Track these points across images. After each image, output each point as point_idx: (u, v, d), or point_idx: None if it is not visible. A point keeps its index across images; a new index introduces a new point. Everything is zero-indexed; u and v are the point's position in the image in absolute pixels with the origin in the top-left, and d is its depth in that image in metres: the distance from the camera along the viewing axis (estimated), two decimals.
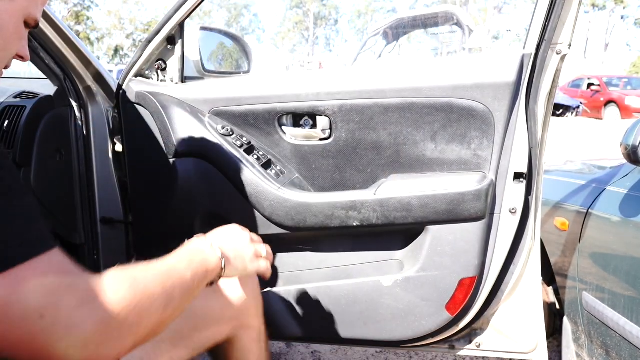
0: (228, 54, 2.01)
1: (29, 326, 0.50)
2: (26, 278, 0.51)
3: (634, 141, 1.38)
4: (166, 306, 0.62)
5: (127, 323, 0.55)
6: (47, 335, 0.50)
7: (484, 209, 1.24)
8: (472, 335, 1.42)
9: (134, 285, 0.58)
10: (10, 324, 0.50)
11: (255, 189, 1.31)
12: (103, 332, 0.52)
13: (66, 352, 0.50)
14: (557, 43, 1.23)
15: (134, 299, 0.56)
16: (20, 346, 0.51)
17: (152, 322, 0.59)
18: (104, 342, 0.53)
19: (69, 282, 0.54)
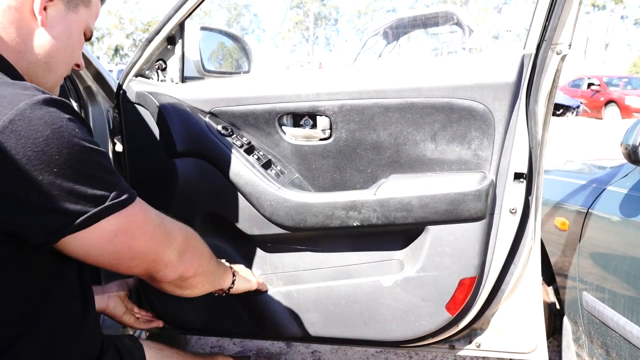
0: (228, 53, 2.01)
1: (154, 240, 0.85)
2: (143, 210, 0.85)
3: (634, 141, 1.38)
4: (201, 269, 0.98)
5: (188, 256, 0.93)
6: (162, 246, 0.87)
7: (484, 209, 1.24)
8: (472, 335, 1.42)
9: (198, 248, 0.99)
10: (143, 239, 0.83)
11: (255, 189, 1.31)
12: (184, 252, 0.91)
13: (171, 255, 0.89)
14: (557, 43, 1.23)
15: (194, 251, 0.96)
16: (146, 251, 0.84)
17: (194, 268, 0.95)
18: (183, 256, 0.91)
19: (168, 222, 0.91)
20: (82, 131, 0.73)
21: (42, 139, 0.67)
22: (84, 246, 0.75)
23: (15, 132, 0.65)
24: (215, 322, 1.44)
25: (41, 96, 0.70)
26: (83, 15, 0.90)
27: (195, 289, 0.99)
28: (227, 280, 1.15)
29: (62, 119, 0.70)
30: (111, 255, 0.79)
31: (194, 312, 1.44)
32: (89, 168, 0.73)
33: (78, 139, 0.71)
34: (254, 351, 2.25)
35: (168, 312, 1.42)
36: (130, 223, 0.79)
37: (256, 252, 1.43)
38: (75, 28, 0.89)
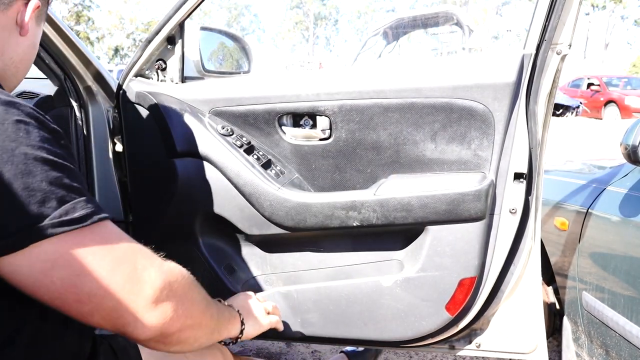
0: (228, 53, 2.01)
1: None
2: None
3: (633, 141, 1.38)
4: (190, 321, 0.78)
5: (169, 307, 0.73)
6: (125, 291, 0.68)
7: (484, 209, 1.24)
8: (472, 335, 1.42)
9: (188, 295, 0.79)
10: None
11: (255, 189, 1.31)
12: (161, 301, 0.72)
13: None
14: (557, 43, 1.23)
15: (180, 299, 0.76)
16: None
17: (179, 321, 0.75)
18: (160, 307, 0.72)
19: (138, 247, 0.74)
20: (31, 136, 0.64)
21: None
22: (15, 272, 0.63)
23: None
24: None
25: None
26: (41, 30, 0.92)
27: (185, 345, 0.79)
28: (234, 330, 0.99)
29: (3, 122, 0.63)
30: (51, 294, 0.65)
31: None
32: (28, 179, 0.62)
33: (18, 144, 0.63)
34: (254, 351, 2.25)
35: None
36: (71, 253, 0.64)
37: (256, 252, 1.43)
38: (37, 40, 0.91)
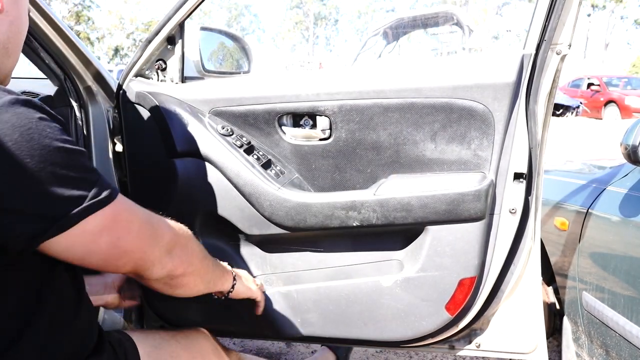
0: (228, 54, 2.01)
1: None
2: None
3: (633, 141, 1.39)
4: (191, 268, 0.95)
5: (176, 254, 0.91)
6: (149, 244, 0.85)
7: (483, 209, 1.24)
8: (472, 335, 1.42)
9: (190, 246, 0.96)
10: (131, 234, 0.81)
11: (255, 189, 1.31)
12: (171, 249, 0.89)
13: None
14: (557, 43, 1.23)
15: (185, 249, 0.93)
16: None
17: (183, 266, 0.92)
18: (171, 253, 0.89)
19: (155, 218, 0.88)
20: (53, 130, 0.70)
21: (12, 143, 0.65)
22: (68, 248, 0.73)
23: None
24: (215, 322, 1.44)
25: (7, 97, 0.67)
26: (25, 1, 0.84)
27: (186, 288, 0.97)
28: (227, 284, 1.13)
29: (30, 120, 0.68)
30: (98, 256, 0.78)
31: (194, 312, 1.44)
32: (64, 169, 0.70)
33: (50, 139, 0.69)
34: (254, 351, 2.25)
35: (168, 311, 1.43)
36: (114, 221, 0.77)
37: (256, 252, 1.43)
38: (24, 9, 0.84)
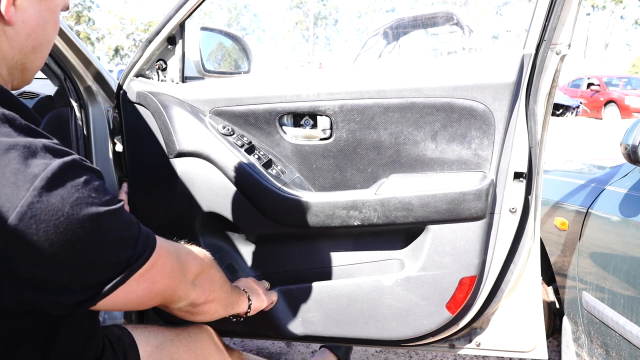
0: (228, 54, 2.01)
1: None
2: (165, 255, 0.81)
3: (633, 141, 1.39)
4: (213, 295, 0.97)
5: (200, 284, 0.93)
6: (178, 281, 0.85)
7: (484, 209, 1.24)
8: (472, 334, 1.42)
9: (212, 274, 0.97)
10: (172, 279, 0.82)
11: (256, 188, 1.31)
12: (196, 280, 0.91)
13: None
14: (557, 43, 1.23)
15: (208, 278, 0.95)
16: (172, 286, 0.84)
17: (205, 295, 0.94)
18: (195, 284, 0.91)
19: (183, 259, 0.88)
20: (98, 193, 0.67)
21: (63, 218, 0.62)
22: (108, 305, 0.72)
23: (35, 217, 0.60)
24: (216, 321, 1.44)
25: (55, 165, 0.63)
26: (45, 5, 0.77)
27: (207, 315, 0.99)
28: (243, 306, 1.14)
29: (78, 188, 0.65)
30: (133, 303, 0.77)
31: None
32: (110, 232, 0.68)
33: (96, 205, 0.66)
34: (255, 351, 2.25)
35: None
36: (151, 269, 0.76)
37: (257, 252, 1.43)
38: (51, 14, 0.77)
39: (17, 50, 0.74)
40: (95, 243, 0.66)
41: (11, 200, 0.59)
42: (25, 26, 0.73)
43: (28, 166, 0.61)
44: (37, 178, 0.61)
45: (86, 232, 0.64)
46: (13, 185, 0.59)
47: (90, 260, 0.66)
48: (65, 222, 0.62)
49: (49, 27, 0.77)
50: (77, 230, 0.63)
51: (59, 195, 0.62)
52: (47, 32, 0.77)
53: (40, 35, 0.76)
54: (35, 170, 0.61)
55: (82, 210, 0.64)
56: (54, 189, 0.62)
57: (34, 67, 0.79)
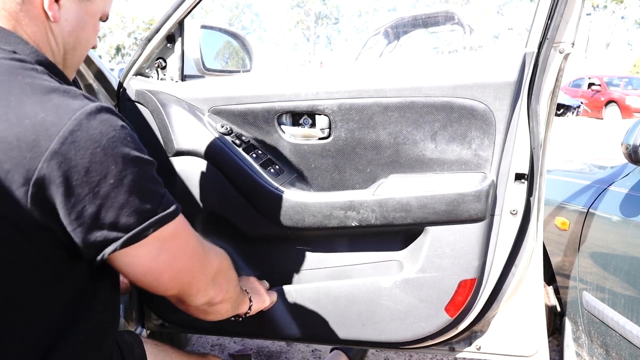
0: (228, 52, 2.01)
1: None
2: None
3: (634, 141, 1.38)
4: (228, 295, 0.97)
5: (219, 282, 0.92)
6: (198, 269, 0.86)
7: (484, 210, 1.23)
8: (472, 337, 1.41)
9: (229, 274, 0.98)
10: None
11: (253, 188, 1.30)
12: (216, 278, 0.91)
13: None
14: (560, 42, 1.22)
15: (226, 277, 0.96)
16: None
17: (222, 294, 0.94)
18: (215, 282, 0.90)
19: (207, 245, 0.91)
20: (133, 139, 0.73)
21: (100, 149, 0.67)
22: (130, 263, 0.74)
23: (75, 143, 0.65)
24: (217, 321, 1.44)
25: (93, 105, 0.69)
26: (98, 3, 0.87)
27: (219, 315, 0.98)
28: (245, 306, 1.13)
29: (115, 128, 0.70)
30: (152, 275, 0.78)
31: None
32: (141, 179, 0.72)
33: (130, 148, 0.71)
34: (254, 350, 2.25)
35: (168, 310, 1.42)
36: (173, 239, 0.78)
37: (255, 252, 1.42)
38: (90, 17, 0.86)
39: (61, 46, 0.82)
40: (124, 182, 0.69)
41: (55, 125, 0.65)
42: (68, 24, 0.81)
43: (69, 103, 0.68)
44: (78, 111, 0.67)
45: (118, 168, 0.68)
46: (55, 114, 0.66)
47: (116, 197, 0.69)
48: (101, 153, 0.67)
49: (88, 29, 0.85)
50: (110, 163, 0.68)
51: (97, 128, 0.67)
52: (85, 33, 0.85)
53: (80, 35, 0.84)
54: (75, 105, 0.68)
55: (117, 147, 0.69)
56: (93, 122, 0.67)
57: (73, 64, 0.87)
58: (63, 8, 0.80)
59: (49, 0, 0.77)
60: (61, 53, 0.83)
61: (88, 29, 0.86)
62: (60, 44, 0.82)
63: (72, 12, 0.82)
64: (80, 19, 0.83)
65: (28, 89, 0.68)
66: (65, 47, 0.83)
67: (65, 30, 0.82)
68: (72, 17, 0.82)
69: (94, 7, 0.86)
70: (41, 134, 0.64)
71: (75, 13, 0.82)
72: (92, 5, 0.85)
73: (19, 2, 0.76)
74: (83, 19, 0.84)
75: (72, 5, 0.81)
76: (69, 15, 0.81)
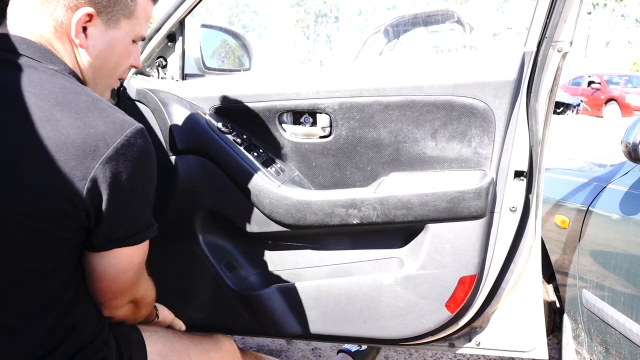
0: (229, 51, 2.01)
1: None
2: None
3: (634, 139, 1.38)
4: (136, 319, 1.06)
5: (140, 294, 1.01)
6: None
7: (484, 207, 1.24)
8: (472, 333, 1.42)
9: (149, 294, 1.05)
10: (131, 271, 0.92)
11: (255, 186, 1.31)
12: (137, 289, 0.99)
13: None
14: (559, 40, 1.22)
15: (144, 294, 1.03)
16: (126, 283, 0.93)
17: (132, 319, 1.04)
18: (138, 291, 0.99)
19: None
20: (155, 161, 0.89)
21: (140, 164, 0.83)
22: (116, 262, 0.88)
23: (124, 155, 0.80)
24: (216, 319, 1.44)
25: (138, 125, 0.83)
26: (125, 28, 0.93)
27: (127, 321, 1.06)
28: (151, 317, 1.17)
29: (152, 148, 0.86)
30: (107, 279, 0.90)
31: (196, 309, 1.44)
32: (152, 196, 0.90)
33: (154, 169, 0.89)
34: (255, 348, 2.26)
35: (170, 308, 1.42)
36: (145, 253, 0.92)
37: (256, 250, 1.43)
38: (118, 43, 0.94)
39: (89, 66, 0.92)
40: (148, 195, 0.88)
41: (112, 137, 0.79)
42: (95, 49, 0.91)
43: (122, 120, 0.82)
44: (128, 129, 0.81)
45: (150, 183, 0.88)
46: (113, 128, 0.80)
47: (138, 205, 0.87)
48: (139, 168, 0.83)
49: (117, 52, 0.94)
50: (144, 179, 0.86)
51: (141, 147, 0.83)
52: (114, 55, 0.94)
53: (108, 57, 0.93)
54: (126, 124, 0.82)
55: (151, 166, 0.87)
56: (139, 140, 0.82)
57: (102, 83, 0.97)
58: (90, 36, 0.89)
59: (75, 30, 0.87)
60: (89, 73, 0.93)
61: (117, 52, 0.94)
62: (88, 66, 0.92)
63: (99, 38, 0.90)
64: (107, 44, 0.92)
65: (91, 104, 0.82)
66: (93, 69, 0.93)
67: (93, 54, 0.91)
68: (99, 42, 0.91)
69: (121, 32, 0.93)
70: (101, 143, 0.78)
71: (102, 39, 0.91)
72: (118, 31, 0.92)
73: (52, 30, 0.87)
74: (111, 43, 0.92)
75: (99, 32, 0.90)
76: (96, 41, 0.90)
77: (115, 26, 0.91)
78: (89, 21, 0.87)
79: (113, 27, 0.91)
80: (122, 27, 0.93)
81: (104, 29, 0.90)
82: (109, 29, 0.91)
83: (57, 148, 0.76)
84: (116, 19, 0.91)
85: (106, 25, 0.90)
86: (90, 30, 0.89)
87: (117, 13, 0.91)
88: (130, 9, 0.93)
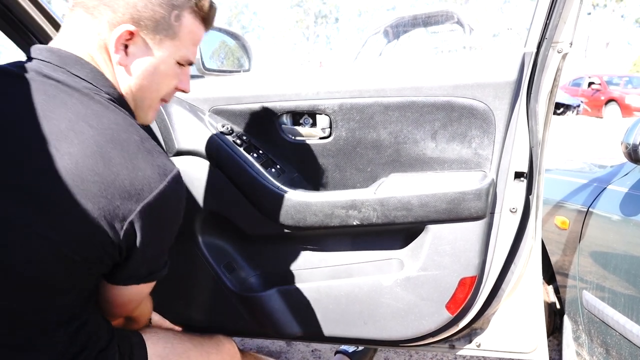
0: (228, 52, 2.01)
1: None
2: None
3: (634, 140, 1.38)
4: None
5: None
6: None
7: (484, 208, 1.23)
8: (472, 334, 1.42)
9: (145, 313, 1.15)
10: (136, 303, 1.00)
11: (254, 187, 1.31)
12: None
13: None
14: (558, 41, 1.22)
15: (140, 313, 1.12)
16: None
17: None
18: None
19: None
20: (185, 203, 0.93)
21: (174, 212, 0.89)
22: (134, 294, 0.94)
23: (163, 202, 0.83)
24: (216, 320, 1.44)
25: (176, 170, 0.86)
26: (169, 48, 0.92)
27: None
28: None
29: (184, 193, 0.91)
30: (130, 305, 0.99)
31: (196, 311, 1.44)
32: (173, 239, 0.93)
33: (183, 212, 0.92)
34: (254, 349, 2.25)
35: (170, 310, 1.42)
36: (151, 287, 0.98)
37: (256, 251, 1.43)
38: (160, 63, 0.92)
39: (127, 85, 0.91)
40: (171, 238, 0.92)
41: (155, 182, 0.82)
42: (135, 68, 0.90)
43: (165, 166, 0.85)
44: (169, 175, 0.84)
45: (175, 227, 0.91)
46: (157, 174, 0.83)
47: (164, 248, 0.92)
48: (173, 214, 0.89)
49: (158, 73, 0.93)
50: (174, 223, 0.90)
51: (178, 193, 0.87)
52: (155, 76, 0.93)
53: (147, 77, 0.92)
54: (167, 169, 0.85)
55: (182, 212, 0.91)
56: (176, 186, 0.86)
57: (144, 105, 0.96)
58: (131, 54, 0.88)
59: (115, 47, 0.86)
60: (130, 93, 0.92)
61: (158, 72, 0.93)
62: (127, 84, 0.91)
63: (140, 57, 0.89)
64: (149, 64, 0.91)
65: (140, 145, 0.83)
66: (134, 89, 0.92)
67: (134, 74, 0.90)
68: (140, 61, 0.90)
69: (163, 53, 0.91)
70: (145, 187, 0.81)
71: (143, 58, 0.90)
72: (160, 51, 0.91)
73: (96, 48, 0.87)
74: (152, 63, 0.91)
75: (140, 51, 0.89)
76: (137, 59, 0.89)
77: (157, 46, 0.90)
78: (130, 39, 0.87)
79: (155, 47, 0.90)
80: (164, 47, 0.91)
81: (145, 48, 0.89)
82: (150, 48, 0.89)
83: (106, 185, 0.78)
84: (159, 39, 0.90)
85: (148, 45, 0.89)
86: (132, 49, 0.88)
87: (159, 33, 0.89)
88: (175, 30, 0.91)
